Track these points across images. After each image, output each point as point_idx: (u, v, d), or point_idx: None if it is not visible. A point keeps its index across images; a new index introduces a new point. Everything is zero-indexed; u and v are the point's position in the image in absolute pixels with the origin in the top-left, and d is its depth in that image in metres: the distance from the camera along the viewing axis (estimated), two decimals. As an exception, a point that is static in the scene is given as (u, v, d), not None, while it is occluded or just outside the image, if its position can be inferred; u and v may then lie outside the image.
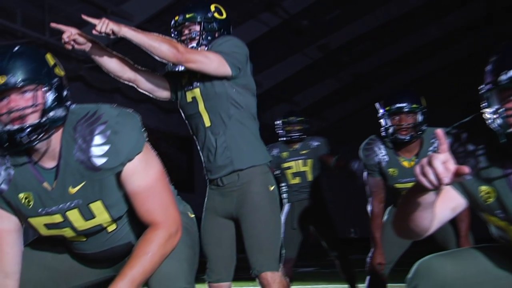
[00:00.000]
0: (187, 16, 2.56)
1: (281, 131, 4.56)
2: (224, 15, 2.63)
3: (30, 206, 1.73)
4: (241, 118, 2.51)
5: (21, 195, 1.72)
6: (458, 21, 11.75)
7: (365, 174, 3.30)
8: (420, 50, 12.42)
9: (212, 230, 2.58)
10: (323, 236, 4.39)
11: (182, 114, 2.64)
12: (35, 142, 1.60)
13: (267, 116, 12.88)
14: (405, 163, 3.12)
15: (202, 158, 2.60)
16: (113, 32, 2.20)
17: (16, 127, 1.57)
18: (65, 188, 1.71)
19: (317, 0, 9.52)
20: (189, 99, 2.56)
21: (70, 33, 2.24)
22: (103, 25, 2.20)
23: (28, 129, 1.58)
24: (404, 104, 3.02)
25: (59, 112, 1.64)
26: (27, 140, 1.58)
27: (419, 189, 1.43)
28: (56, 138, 1.68)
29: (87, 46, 2.31)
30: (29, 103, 1.60)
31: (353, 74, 12.93)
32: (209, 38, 2.56)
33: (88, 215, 1.76)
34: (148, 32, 2.31)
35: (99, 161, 1.66)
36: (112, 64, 2.42)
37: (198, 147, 2.60)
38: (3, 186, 1.71)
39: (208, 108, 2.50)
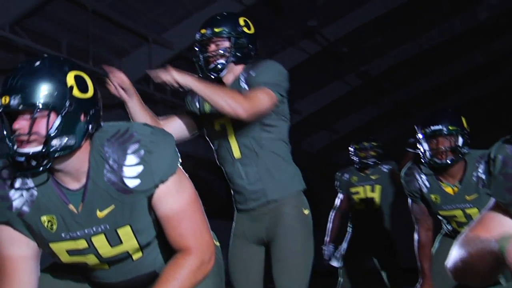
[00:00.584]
0: (216, 30, 2.38)
1: (355, 158, 4.44)
2: (252, 29, 2.47)
3: (53, 230, 1.59)
4: (273, 145, 2.41)
5: (44, 218, 1.58)
6: (505, 47, 11.48)
7: (409, 200, 3.18)
8: (463, 77, 12.18)
9: (241, 257, 2.48)
10: (385, 267, 4.23)
11: (210, 143, 2.53)
12: (38, 169, 1.47)
13: (307, 143, 12.82)
14: (448, 189, 2.96)
15: (231, 189, 2.49)
16: (178, 83, 2.15)
17: (19, 150, 1.45)
18: (93, 212, 1.57)
19: (357, 27, 9.47)
20: (217, 127, 2.43)
21: (120, 80, 2.16)
22: (168, 75, 2.15)
23: (28, 156, 1.45)
24: (441, 127, 2.85)
25: (66, 140, 1.47)
26: (29, 167, 1.46)
27: (501, 261, 1.21)
28: (83, 157, 1.55)
29: (130, 93, 2.22)
30: (36, 128, 1.45)
31: (394, 101, 12.75)
32: (238, 54, 2.41)
33: (115, 241, 1.63)
34: (212, 84, 2.24)
35: (132, 183, 1.54)
36: (141, 116, 2.33)
37: (227, 178, 2.49)
38: (25, 208, 1.56)
39: (238, 136, 2.38)
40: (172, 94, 8.53)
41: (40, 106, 1.44)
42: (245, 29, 2.44)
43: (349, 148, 4.48)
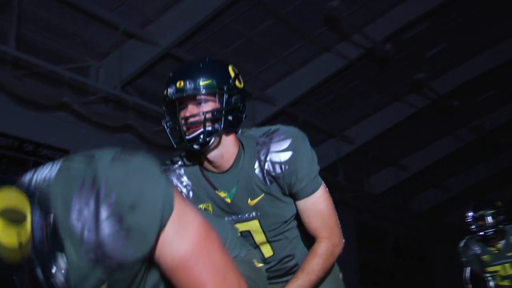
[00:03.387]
0: (202, 83, 1.65)
1: (473, 226, 3.94)
2: (243, 83, 1.79)
3: None
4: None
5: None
6: None
7: None
8: None
9: None
10: None
11: None
12: None
13: (415, 202, 12.16)
14: None
15: None
16: None
17: None
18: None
19: (469, 80, 9.00)
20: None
21: None
22: None
23: None
24: None
25: None
26: None
27: None
28: None
29: None
30: None
31: (512, 158, 11.86)
32: (229, 118, 1.69)
33: None
34: (305, 278, 1.79)
35: (124, 255, 1.05)
36: None
37: None
38: None
39: (270, 238, 1.84)
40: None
41: None
42: (237, 83, 1.74)
43: (467, 213, 3.99)
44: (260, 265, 1.52)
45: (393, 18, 7.37)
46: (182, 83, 1.66)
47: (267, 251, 1.86)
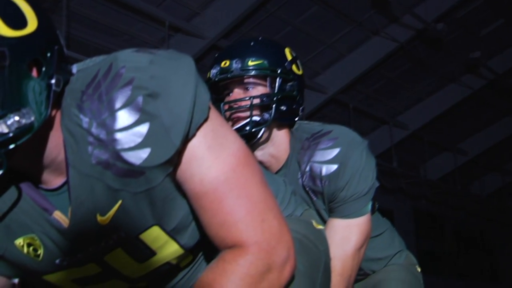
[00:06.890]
0: (251, 63, 1.40)
1: None
2: (301, 70, 1.53)
3: (40, 258, 0.94)
4: None
5: (20, 241, 0.93)
6: None
7: None
8: None
9: None
10: None
11: None
12: None
13: (475, 187, 11.74)
14: None
15: None
16: None
17: None
18: (90, 218, 0.91)
19: (528, 56, 8.59)
20: None
21: None
22: None
23: None
24: None
25: (18, 119, 0.77)
26: None
27: None
28: (55, 135, 0.87)
29: None
30: None
31: None
32: (282, 108, 1.42)
33: (142, 253, 0.99)
34: None
35: (137, 157, 0.85)
36: None
37: None
38: None
39: None
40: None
41: None
42: (294, 67, 1.48)
43: None
44: (320, 227, 1.27)
45: (444, -4, 7.09)
46: (227, 63, 1.42)
47: None
